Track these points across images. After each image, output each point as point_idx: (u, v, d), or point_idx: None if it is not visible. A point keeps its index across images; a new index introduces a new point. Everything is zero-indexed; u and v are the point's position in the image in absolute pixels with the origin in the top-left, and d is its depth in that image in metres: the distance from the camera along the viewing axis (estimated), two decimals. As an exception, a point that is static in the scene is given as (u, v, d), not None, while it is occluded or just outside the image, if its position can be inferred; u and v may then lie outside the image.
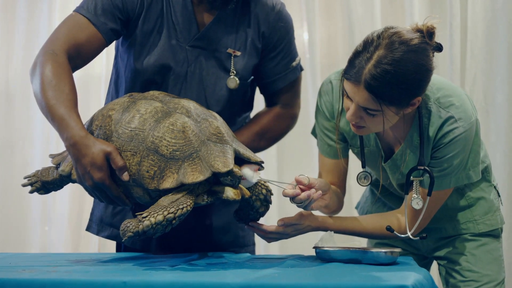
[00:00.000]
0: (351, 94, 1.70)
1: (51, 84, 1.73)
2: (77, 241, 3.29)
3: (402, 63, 1.64)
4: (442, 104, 1.79)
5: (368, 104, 1.68)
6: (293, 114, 2.13)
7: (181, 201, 1.58)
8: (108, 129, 1.69)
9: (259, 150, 2.10)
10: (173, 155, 1.61)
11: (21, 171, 3.35)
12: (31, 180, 1.81)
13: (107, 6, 1.89)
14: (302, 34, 3.28)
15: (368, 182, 1.91)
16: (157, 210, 1.56)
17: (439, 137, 1.79)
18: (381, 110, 1.68)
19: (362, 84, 1.66)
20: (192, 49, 1.95)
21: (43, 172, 1.81)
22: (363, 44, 1.69)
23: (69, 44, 1.83)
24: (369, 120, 1.72)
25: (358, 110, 1.71)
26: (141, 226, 1.54)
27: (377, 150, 1.91)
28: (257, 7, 2.00)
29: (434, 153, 1.82)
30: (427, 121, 1.80)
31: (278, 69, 2.05)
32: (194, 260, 1.77)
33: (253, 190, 1.73)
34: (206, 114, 1.73)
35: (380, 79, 1.64)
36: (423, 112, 1.80)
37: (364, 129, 1.76)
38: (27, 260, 1.83)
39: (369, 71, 1.65)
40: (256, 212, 1.78)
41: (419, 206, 1.81)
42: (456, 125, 1.77)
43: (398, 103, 1.68)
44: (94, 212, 2.13)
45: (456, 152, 1.79)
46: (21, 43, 3.40)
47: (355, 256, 1.68)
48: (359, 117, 1.72)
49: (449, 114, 1.78)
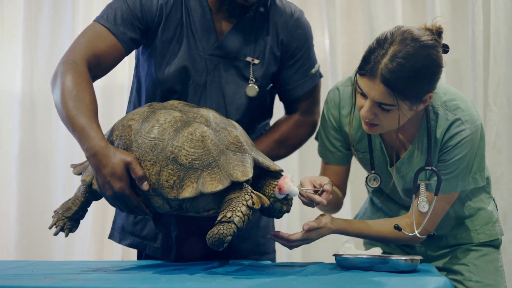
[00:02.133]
0: (366, 89, 1.73)
1: (72, 94, 1.74)
2: (101, 249, 3.31)
3: (416, 57, 1.70)
4: (449, 107, 1.84)
5: (384, 99, 1.71)
6: (313, 121, 2.12)
7: (244, 192, 1.60)
8: (128, 139, 1.70)
9: (279, 157, 2.10)
10: (192, 164, 1.61)
11: (45, 179, 3.41)
12: (59, 225, 1.78)
13: (126, 16, 1.90)
14: (323, 41, 3.27)
15: (378, 184, 1.93)
16: (234, 205, 1.57)
17: (446, 139, 1.83)
18: (396, 105, 1.71)
19: (378, 78, 1.70)
20: (211, 57, 1.96)
21: (63, 210, 1.79)
22: (377, 41, 1.74)
23: (89, 54, 1.84)
24: (383, 116, 1.75)
25: (372, 106, 1.74)
26: (233, 226, 1.55)
27: (382, 155, 1.93)
28: (276, 15, 2.00)
29: (441, 155, 1.84)
30: (434, 123, 1.84)
31: (297, 76, 2.05)
32: (214, 268, 1.77)
33: (269, 192, 1.72)
34: (225, 123, 1.73)
35: (396, 73, 1.68)
36: (431, 116, 1.84)
37: (377, 127, 1.79)
38: (49, 268, 1.84)
39: (385, 65, 1.69)
40: (280, 212, 1.75)
41: (425, 209, 1.85)
42: (463, 127, 1.81)
43: (412, 97, 1.72)
44: (116, 221, 2.15)
45: (463, 155, 1.82)
46: (44, 53, 3.43)
47: (375, 264, 1.68)
48: (373, 113, 1.75)
49: (456, 116, 1.82)
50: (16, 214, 3.38)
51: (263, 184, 1.72)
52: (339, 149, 1.99)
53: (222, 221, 1.56)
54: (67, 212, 1.78)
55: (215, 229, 1.56)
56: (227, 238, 1.55)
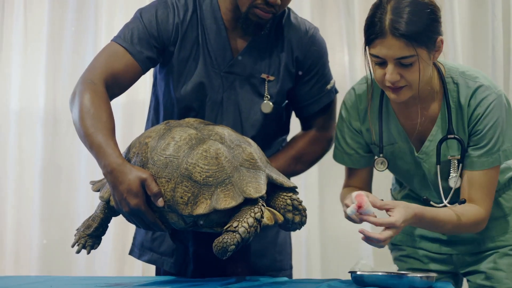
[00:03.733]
0: (383, 52, 1.74)
1: (90, 113, 1.77)
2: (122, 265, 3.33)
3: (415, 1, 1.73)
4: (468, 76, 1.84)
5: (402, 52, 1.72)
6: (329, 137, 2.13)
7: (256, 206, 1.61)
8: (144, 156, 1.72)
9: (296, 173, 2.10)
10: (206, 181, 1.63)
11: (67, 195, 3.45)
12: (80, 243, 1.80)
13: (143, 35, 1.93)
14: (343, 57, 3.28)
15: (385, 167, 1.92)
16: (242, 216, 1.59)
17: (474, 107, 1.82)
18: (415, 54, 1.72)
19: (389, 34, 1.72)
20: (227, 75, 1.98)
21: (84, 227, 1.81)
22: (372, 8, 1.78)
23: (106, 73, 1.87)
24: (408, 74, 1.75)
25: (395, 67, 1.75)
26: (238, 235, 1.57)
27: (406, 144, 1.92)
28: (290, 32, 2.02)
29: (474, 127, 1.83)
30: (455, 94, 1.84)
31: (313, 92, 2.06)
32: (230, 284, 1.78)
33: (279, 204, 1.72)
34: (240, 140, 1.74)
35: (403, 21, 1.71)
36: (451, 87, 1.84)
37: (405, 89, 1.78)
38: (68, 284, 1.86)
39: (390, 20, 1.72)
40: (293, 223, 1.74)
41: (457, 184, 1.84)
42: (488, 92, 1.81)
43: (426, 41, 1.73)
44: (136, 237, 2.17)
45: (495, 121, 1.81)
46: (67, 71, 3.48)
47: (391, 281, 1.66)
48: (398, 74, 1.75)
49: (477, 83, 1.83)
50: (38, 229, 3.42)
51: (276, 198, 1.73)
52: (357, 152, 1.99)
53: (228, 230, 1.58)
54: (88, 230, 1.80)
55: (220, 238, 1.58)
56: (231, 247, 1.56)
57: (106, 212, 1.80)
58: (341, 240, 3.22)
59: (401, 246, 2.07)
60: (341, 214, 3.38)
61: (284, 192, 1.72)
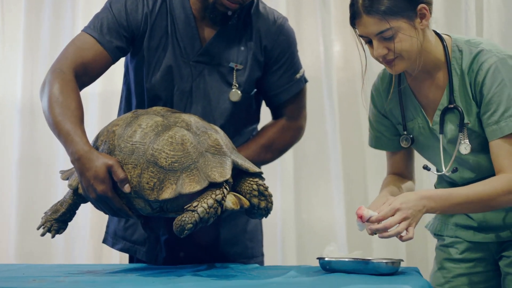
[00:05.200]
0: (363, 30, 1.81)
1: (58, 101, 1.80)
2: (99, 253, 3.35)
3: None
4: (472, 43, 1.86)
5: (379, 27, 1.78)
6: (299, 126, 2.15)
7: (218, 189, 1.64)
8: (112, 143, 1.74)
9: (266, 162, 2.13)
10: (172, 166, 1.66)
11: (45, 185, 3.45)
12: (46, 227, 1.84)
13: (112, 25, 1.95)
14: (318, 48, 3.31)
15: (409, 143, 1.96)
16: (203, 197, 1.62)
17: (476, 73, 1.82)
18: (390, 27, 1.77)
19: (363, 12, 1.79)
20: (196, 64, 2.00)
21: (51, 211, 1.85)
22: None
23: (76, 63, 1.89)
24: (392, 45, 1.80)
25: (378, 42, 1.81)
26: (196, 215, 1.60)
27: (423, 118, 1.94)
28: (259, 21, 2.04)
29: (480, 93, 1.82)
30: (460, 61, 1.85)
31: (282, 81, 2.08)
32: (201, 271, 1.80)
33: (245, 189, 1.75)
34: (206, 127, 1.77)
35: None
36: (456, 55, 1.86)
37: (398, 60, 1.82)
38: (40, 271, 1.88)
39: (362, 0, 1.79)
40: (258, 208, 1.75)
41: (467, 150, 1.84)
42: (488, 55, 1.81)
43: (402, 12, 1.78)
44: (109, 225, 2.19)
45: (499, 83, 1.78)
46: (44, 61, 3.48)
47: (357, 267, 1.70)
48: (384, 48, 1.80)
49: (479, 48, 1.83)
50: (16, 219, 3.43)
51: (242, 184, 1.75)
52: (384, 134, 2.04)
53: (187, 209, 1.61)
54: (55, 214, 1.83)
55: (179, 217, 1.61)
56: (188, 225, 1.59)
57: (75, 199, 1.82)
58: (316, 228, 3.26)
59: (442, 235, 2.06)
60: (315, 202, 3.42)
61: (250, 178, 1.75)
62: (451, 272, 2.00)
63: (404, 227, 1.70)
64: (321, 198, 3.27)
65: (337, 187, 3.22)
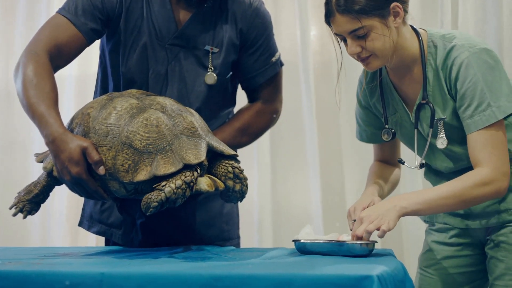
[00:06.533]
0: (336, 29, 1.84)
1: (32, 83, 1.79)
2: (76, 236, 3.35)
3: None
4: (447, 38, 1.87)
5: (351, 25, 1.81)
6: (274, 110, 2.16)
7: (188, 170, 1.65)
8: (86, 126, 1.74)
9: (241, 145, 2.13)
10: (147, 148, 1.66)
11: (22, 169, 3.44)
12: (18, 207, 1.83)
13: (87, 7, 1.94)
14: (295, 32, 3.31)
15: (390, 137, 1.99)
16: (173, 178, 1.63)
17: (449, 68, 1.84)
18: (362, 26, 1.79)
19: (336, 12, 1.81)
20: (172, 47, 2.00)
21: (25, 192, 1.84)
22: None
23: (50, 45, 1.88)
24: (368, 44, 1.82)
25: (352, 41, 1.83)
26: (163, 194, 1.61)
27: (404, 111, 1.96)
28: (234, 4, 2.04)
29: (455, 88, 1.84)
30: (434, 55, 1.88)
31: (257, 65, 2.09)
32: (177, 253, 1.81)
33: (220, 171, 1.76)
34: (182, 110, 1.77)
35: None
36: (431, 50, 1.87)
37: (372, 58, 1.84)
38: (17, 253, 1.88)
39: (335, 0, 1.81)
40: (233, 191, 1.76)
41: (443, 145, 1.87)
42: (461, 50, 1.82)
43: (375, 11, 1.80)
44: (85, 209, 2.19)
45: (471, 78, 1.79)
46: (21, 44, 3.46)
47: (332, 248, 1.71)
48: (358, 46, 1.83)
49: (452, 43, 1.85)
50: (-8, 203, 3.42)
51: (217, 166, 1.76)
52: (368, 127, 2.08)
53: (155, 188, 1.63)
54: (28, 195, 1.83)
55: (148, 195, 1.62)
56: (153, 203, 1.61)
57: (49, 181, 1.82)
58: (292, 211, 3.28)
59: (431, 220, 2.09)
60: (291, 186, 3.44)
61: (225, 160, 1.76)
62: (439, 254, 2.04)
63: (373, 228, 1.71)
64: (298, 182, 3.29)
65: (313, 170, 3.25)
